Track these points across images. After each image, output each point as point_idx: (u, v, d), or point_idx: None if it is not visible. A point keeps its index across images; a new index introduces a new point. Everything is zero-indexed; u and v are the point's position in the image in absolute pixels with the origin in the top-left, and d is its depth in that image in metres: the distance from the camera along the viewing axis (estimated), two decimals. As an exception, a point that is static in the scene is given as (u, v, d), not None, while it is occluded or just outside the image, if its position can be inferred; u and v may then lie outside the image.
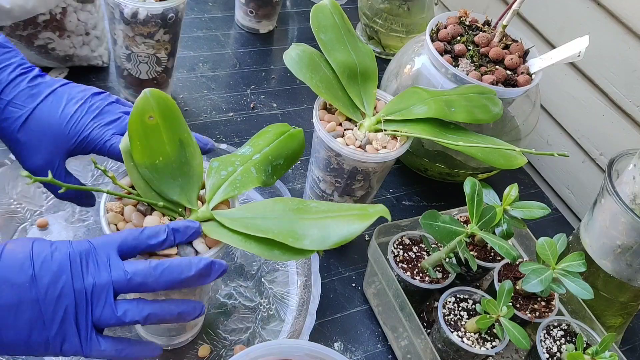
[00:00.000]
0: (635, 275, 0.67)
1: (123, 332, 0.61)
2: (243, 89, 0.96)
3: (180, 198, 0.51)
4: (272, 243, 0.47)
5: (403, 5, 1.04)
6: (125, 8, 0.71)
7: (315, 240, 0.46)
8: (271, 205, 0.50)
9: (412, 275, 0.66)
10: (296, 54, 0.65)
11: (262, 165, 0.55)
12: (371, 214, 0.46)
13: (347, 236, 0.45)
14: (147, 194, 0.50)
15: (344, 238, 0.45)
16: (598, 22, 0.86)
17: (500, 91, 0.73)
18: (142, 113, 0.49)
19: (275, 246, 0.47)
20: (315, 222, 0.47)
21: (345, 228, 0.46)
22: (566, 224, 0.93)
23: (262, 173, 0.54)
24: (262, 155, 0.55)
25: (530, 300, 0.67)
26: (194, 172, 0.52)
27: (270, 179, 0.55)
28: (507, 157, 0.66)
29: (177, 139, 0.51)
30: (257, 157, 0.55)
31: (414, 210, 0.86)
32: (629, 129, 0.85)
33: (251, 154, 0.55)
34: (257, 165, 0.54)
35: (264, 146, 0.56)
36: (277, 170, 0.56)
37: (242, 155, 0.55)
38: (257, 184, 0.53)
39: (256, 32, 1.07)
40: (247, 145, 0.57)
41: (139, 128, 0.49)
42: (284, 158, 0.57)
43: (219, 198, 0.52)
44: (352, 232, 0.45)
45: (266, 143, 0.56)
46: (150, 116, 0.49)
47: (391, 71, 0.87)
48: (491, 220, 0.60)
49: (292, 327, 0.65)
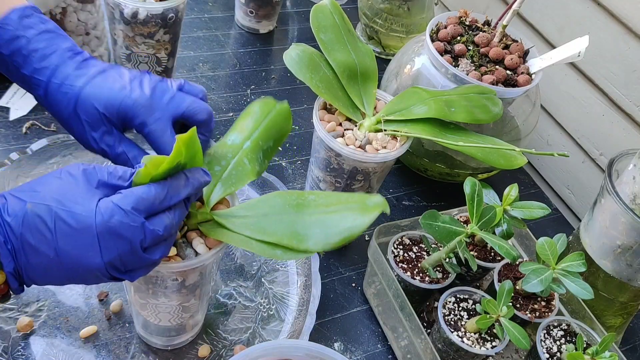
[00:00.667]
0: (635, 275, 0.67)
1: (123, 332, 0.61)
2: (243, 89, 0.96)
3: None
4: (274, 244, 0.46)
5: (403, 5, 1.04)
6: (125, 8, 0.71)
7: (319, 240, 0.45)
8: (271, 201, 0.49)
9: (412, 275, 0.66)
10: (296, 54, 0.65)
11: (254, 154, 0.54)
12: (371, 208, 0.45)
13: (349, 234, 0.45)
14: None
15: (346, 236, 0.45)
16: (598, 22, 0.86)
17: (500, 91, 0.73)
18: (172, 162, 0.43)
19: (277, 246, 0.46)
20: (316, 219, 0.46)
21: (348, 225, 0.45)
22: (566, 224, 0.93)
23: (255, 162, 0.53)
24: (252, 142, 0.54)
25: (530, 300, 0.67)
26: None
27: (262, 167, 0.54)
28: (507, 157, 0.66)
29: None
30: (248, 145, 0.54)
31: (414, 210, 0.86)
32: (629, 129, 0.85)
33: (241, 142, 0.54)
34: (249, 154, 0.53)
35: (253, 130, 0.54)
36: (267, 154, 0.55)
37: (233, 145, 0.54)
38: (252, 177, 0.52)
39: (256, 32, 1.07)
40: (235, 132, 0.55)
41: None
42: (273, 139, 0.55)
43: (217, 197, 0.51)
44: (354, 229, 0.45)
45: (255, 125, 0.55)
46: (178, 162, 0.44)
47: (391, 71, 0.87)
48: (491, 220, 0.60)
49: (292, 327, 0.65)
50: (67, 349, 0.59)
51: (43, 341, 0.59)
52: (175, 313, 0.55)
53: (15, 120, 0.78)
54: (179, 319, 0.57)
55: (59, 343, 0.59)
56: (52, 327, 0.60)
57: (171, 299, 0.53)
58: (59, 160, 0.72)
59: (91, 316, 0.62)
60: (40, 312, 0.61)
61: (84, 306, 0.62)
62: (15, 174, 0.68)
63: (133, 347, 0.61)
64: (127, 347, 0.60)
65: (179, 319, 0.57)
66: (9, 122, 0.77)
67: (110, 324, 0.62)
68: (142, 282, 0.51)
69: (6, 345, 0.57)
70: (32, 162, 0.70)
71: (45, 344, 0.59)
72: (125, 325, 0.62)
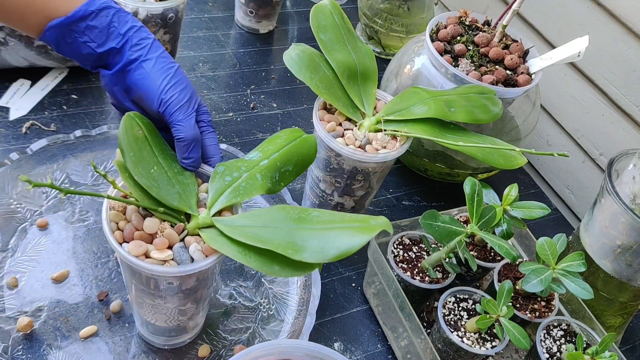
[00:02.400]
0: (635, 275, 0.67)
1: (123, 332, 0.61)
2: (243, 89, 0.96)
3: (180, 204, 0.51)
4: (271, 257, 0.46)
5: (403, 5, 1.04)
6: (125, 8, 0.71)
7: (315, 252, 0.44)
8: (273, 213, 0.49)
9: (412, 275, 0.66)
10: (296, 54, 0.65)
11: (268, 172, 0.54)
12: (373, 227, 0.45)
13: (347, 249, 0.44)
14: (145, 202, 0.50)
15: (344, 251, 0.44)
16: (598, 22, 0.86)
17: (500, 91, 0.73)
18: (130, 127, 0.52)
19: (275, 261, 0.46)
20: (315, 233, 0.46)
21: (346, 241, 0.44)
22: (566, 224, 0.93)
23: (268, 180, 0.53)
24: (270, 162, 0.54)
25: (530, 300, 0.67)
26: (188, 180, 0.54)
27: (276, 186, 0.54)
28: (507, 157, 0.66)
29: (166, 153, 0.54)
30: (265, 164, 0.54)
31: (414, 210, 0.86)
32: (629, 129, 0.85)
33: (259, 160, 0.54)
34: (264, 171, 0.54)
35: (273, 152, 0.55)
36: (284, 177, 0.55)
37: (250, 161, 0.55)
38: (261, 192, 0.53)
39: (256, 32, 1.07)
40: (256, 150, 0.56)
41: (130, 141, 0.51)
42: (293, 164, 0.56)
43: (221, 204, 0.51)
44: (353, 245, 0.44)
45: (276, 149, 0.55)
46: (139, 130, 0.53)
47: (391, 71, 0.87)
48: (491, 220, 0.60)
49: (292, 327, 0.65)
50: (67, 349, 0.59)
51: (43, 341, 0.59)
52: (171, 315, 0.55)
53: (15, 120, 0.78)
54: (175, 321, 0.57)
55: (59, 343, 0.59)
56: (52, 327, 0.60)
57: (167, 301, 0.53)
58: (59, 160, 0.72)
59: (91, 316, 0.62)
60: (40, 312, 0.61)
61: (84, 306, 0.62)
62: (15, 174, 0.68)
63: (133, 347, 0.61)
64: (127, 347, 0.60)
65: (175, 321, 0.57)
66: (9, 122, 0.77)
67: (110, 324, 0.62)
68: (139, 281, 0.51)
69: (6, 345, 0.57)
70: (32, 162, 0.70)
71: (45, 344, 0.59)
72: (125, 325, 0.62)
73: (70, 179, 0.72)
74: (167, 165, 0.53)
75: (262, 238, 0.46)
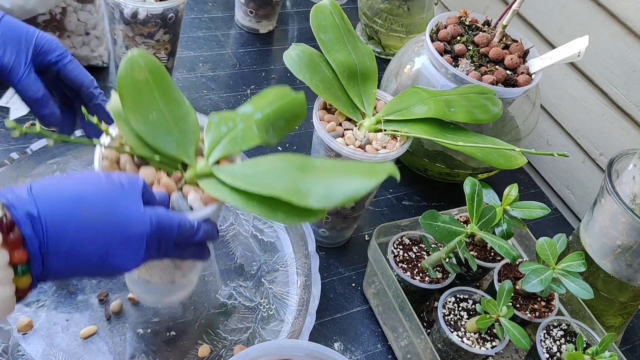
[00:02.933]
0: (635, 275, 0.67)
1: (123, 332, 0.61)
2: (243, 89, 0.96)
3: (177, 153, 0.49)
4: (275, 205, 0.43)
5: (403, 5, 1.04)
6: (125, 8, 0.71)
7: (322, 197, 0.42)
8: (274, 162, 0.47)
9: (412, 275, 0.66)
10: (296, 54, 0.65)
11: (263, 124, 0.52)
12: (379, 172, 0.43)
13: (354, 193, 0.41)
14: (140, 150, 0.49)
15: (351, 195, 0.41)
16: (598, 22, 0.86)
17: (500, 91, 0.73)
18: (131, 69, 0.48)
19: (279, 208, 0.43)
20: (320, 179, 0.44)
21: (353, 185, 0.42)
22: (566, 224, 0.93)
23: (264, 131, 0.52)
24: (263, 115, 0.52)
25: (530, 300, 0.67)
26: (190, 128, 0.51)
27: (271, 139, 0.53)
28: (507, 157, 0.66)
29: (170, 96, 0.50)
30: (259, 116, 0.52)
31: (414, 210, 0.86)
32: (629, 129, 0.85)
33: (252, 113, 0.53)
34: (259, 123, 0.52)
35: (265, 105, 0.53)
36: (277, 130, 0.53)
37: (243, 114, 0.53)
38: (258, 142, 0.51)
39: (256, 32, 1.07)
40: (248, 105, 0.54)
41: (129, 84, 0.48)
42: (285, 120, 0.54)
43: (219, 154, 0.50)
44: (360, 189, 0.41)
45: (267, 102, 0.54)
46: (140, 72, 0.48)
47: (391, 71, 0.87)
48: (491, 220, 0.60)
49: (292, 327, 0.65)
50: (67, 349, 0.59)
51: (43, 341, 0.59)
52: (166, 269, 0.54)
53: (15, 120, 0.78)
54: (170, 277, 0.55)
55: (59, 343, 0.59)
56: (52, 327, 0.60)
57: None
58: (59, 160, 0.72)
59: (91, 316, 0.62)
60: (40, 312, 0.61)
61: (84, 306, 0.62)
62: (15, 174, 0.68)
63: (133, 347, 0.61)
64: (127, 347, 0.60)
65: (170, 277, 0.55)
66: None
67: (110, 324, 0.62)
68: None
69: (6, 345, 0.57)
70: (32, 162, 0.70)
71: (45, 344, 0.59)
72: (125, 325, 0.62)
73: (70, 179, 0.72)
74: (169, 110, 0.50)
75: (265, 185, 0.44)
